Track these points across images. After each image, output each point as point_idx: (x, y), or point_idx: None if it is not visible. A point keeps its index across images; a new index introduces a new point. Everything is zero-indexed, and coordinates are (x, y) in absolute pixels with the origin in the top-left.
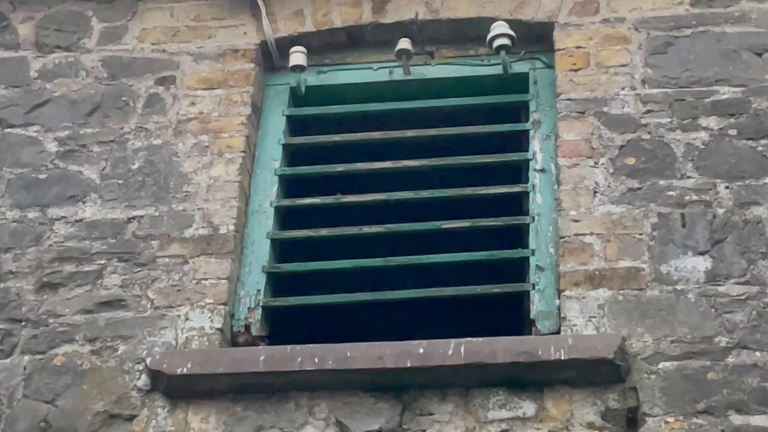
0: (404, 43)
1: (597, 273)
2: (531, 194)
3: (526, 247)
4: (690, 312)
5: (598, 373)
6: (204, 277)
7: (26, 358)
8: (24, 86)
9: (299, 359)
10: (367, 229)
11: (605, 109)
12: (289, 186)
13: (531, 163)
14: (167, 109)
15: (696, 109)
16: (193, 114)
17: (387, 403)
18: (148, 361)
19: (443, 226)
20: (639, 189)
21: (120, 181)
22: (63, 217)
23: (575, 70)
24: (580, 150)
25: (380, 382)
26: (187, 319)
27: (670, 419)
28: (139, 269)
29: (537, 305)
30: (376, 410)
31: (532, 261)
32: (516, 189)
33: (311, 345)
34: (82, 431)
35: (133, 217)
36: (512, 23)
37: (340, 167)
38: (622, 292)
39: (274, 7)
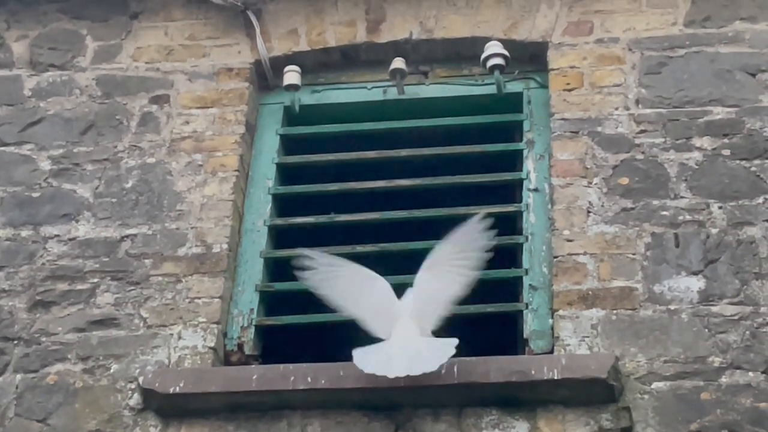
0: (398, 63)
1: (590, 293)
2: (524, 214)
3: (520, 266)
4: (683, 332)
5: (591, 393)
6: (197, 296)
7: (18, 376)
8: (18, 104)
9: (292, 378)
10: (360, 249)
11: (599, 129)
12: (283, 205)
13: (525, 183)
14: (161, 127)
15: (690, 129)
16: (186, 133)
17: (380, 423)
18: (140, 379)
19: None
20: (632, 209)
21: (113, 200)
22: (56, 236)
23: (569, 90)
24: (573, 170)
25: (373, 401)
26: (179, 337)
27: None
28: (132, 288)
29: (530, 325)
30: (369, 429)
31: (526, 280)
32: (509, 208)
33: (304, 364)
34: None
35: (127, 236)
36: (506, 43)
37: (333, 186)
38: (615, 311)
39: (269, 26)
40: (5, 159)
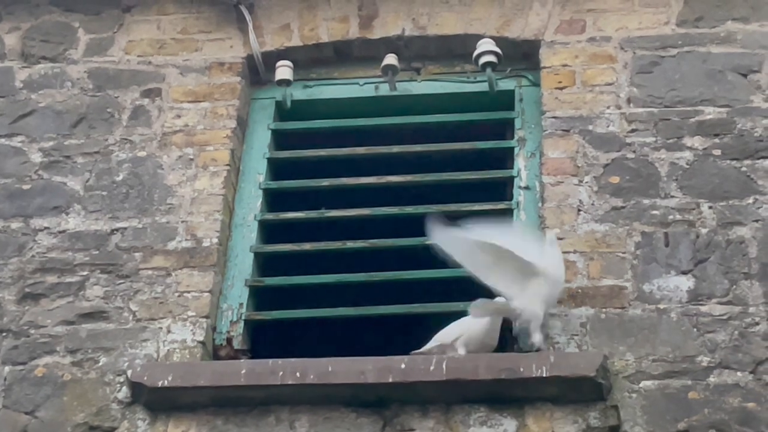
0: (391, 59)
1: (580, 291)
2: (515, 211)
3: None
4: (672, 331)
5: (579, 391)
6: (186, 290)
7: (7, 368)
8: (9, 96)
9: (280, 373)
10: (350, 244)
11: (590, 128)
12: (274, 200)
13: (515, 181)
14: (152, 121)
15: (681, 129)
16: (178, 126)
17: (368, 419)
18: (129, 373)
19: (427, 242)
20: (623, 208)
21: (104, 193)
22: (46, 228)
23: (561, 88)
24: (564, 168)
25: (361, 397)
26: (168, 331)
27: None
28: (121, 281)
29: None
30: (357, 425)
31: None
32: (500, 206)
33: (293, 359)
34: None
35: (117, 229)
36: (499, 41)
37: (324, 182)
38: (604, 310)
39: (261, 20)
40: None
